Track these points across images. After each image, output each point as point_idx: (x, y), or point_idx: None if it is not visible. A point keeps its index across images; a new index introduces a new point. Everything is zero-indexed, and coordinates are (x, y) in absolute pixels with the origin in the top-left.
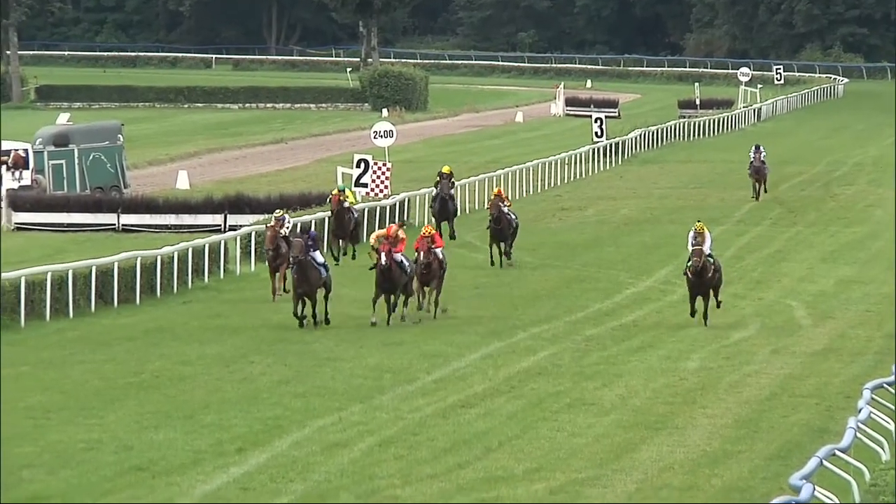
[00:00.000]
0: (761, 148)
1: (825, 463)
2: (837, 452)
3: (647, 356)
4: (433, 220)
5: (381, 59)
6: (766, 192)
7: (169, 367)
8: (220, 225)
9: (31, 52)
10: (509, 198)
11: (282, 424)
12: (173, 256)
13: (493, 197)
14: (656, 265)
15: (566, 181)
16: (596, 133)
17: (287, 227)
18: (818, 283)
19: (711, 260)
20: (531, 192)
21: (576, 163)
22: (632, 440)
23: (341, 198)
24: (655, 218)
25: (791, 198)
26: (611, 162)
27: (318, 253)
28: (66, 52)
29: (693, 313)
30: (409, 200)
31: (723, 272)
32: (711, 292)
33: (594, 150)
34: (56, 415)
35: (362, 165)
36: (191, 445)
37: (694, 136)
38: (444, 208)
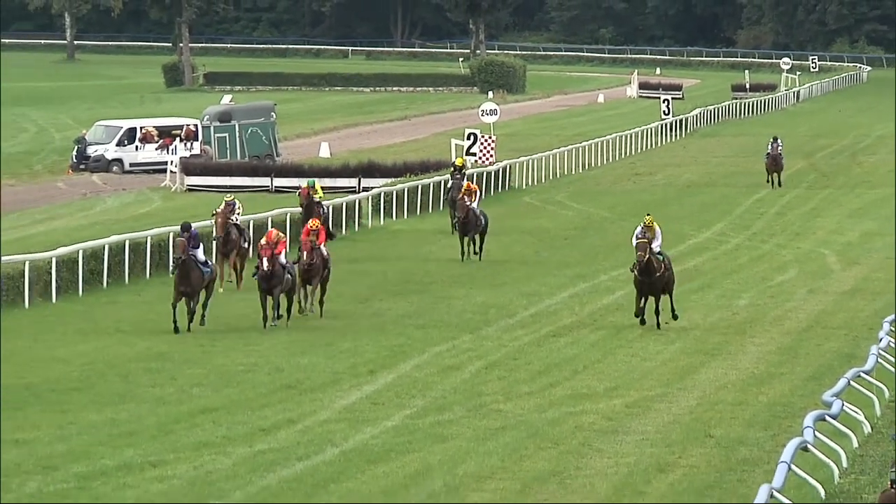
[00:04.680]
0: (779, 140)
1: (852, 383)
2: (862, 374)
3: (706, 295)
4: (456, 227)
5: (488, 51)
6: (780, 184)
7: (312, 304)
8: (355, 187)
9: (200, 45)
10: (480, 194)
11: (405, 351)
12: None
13: (462, 194)
14: (713, 220)
15: (639, 151)
16: (664, 111)
17: (238, 213)
18: (846, 235)
19: (661, 257)
20: (610, 161)
21: (647, 136)
22: (693, 364)
23: (311, 192)
24: (713, 182)
25: (824, 165)
26: (676, 135)
27: (199, 251)
28: (228, 45)
29: (638, 314)
30: (510, 166)
31: (674, 272)
32: (665, 294)
33: (662, 125)
34: (220, 343)
35: (472, 138)
36: (331, 368)
37: (744, 114)
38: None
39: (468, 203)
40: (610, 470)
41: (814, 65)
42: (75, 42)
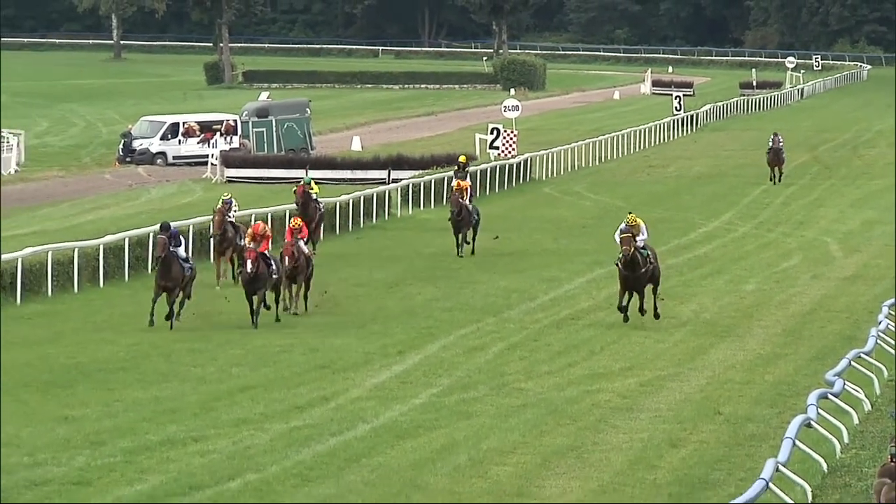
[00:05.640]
0: (779, 135)
1: (853, 363)
2: (863, 355)
3: (715, 280)
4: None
5: (510, 50)
6: (781, 177)
7: (345, 288)
8: (385, 178)
9: (239, 45)
10: (474, 193)
11: (432, 332)
12: (349, 202)
13: (454, 190)
14: (722, 210)
15: (652, 145)
16: (675, 107)
17: (234, 211)
18: (848, 223)
19: (646, 252)
20: (625, 154)
21: (660, 131)
22: (703, 345)
23: (307, 189)
24: (722, 173)
25: (826, 157)
26: (687, 130)
27: (181, 249)
28: (265, 45)
29: (621, 308)
30: (531, 159)
31: (660, 268)
32: (650, 290)
33: (674, 120)
34: (258, 326)
35: (495, 132)
36: (362, 348)
37: (752, 110)
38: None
39: (461, 200)
40: (625, 445)
41: (817, 64)
42: (122, 42)
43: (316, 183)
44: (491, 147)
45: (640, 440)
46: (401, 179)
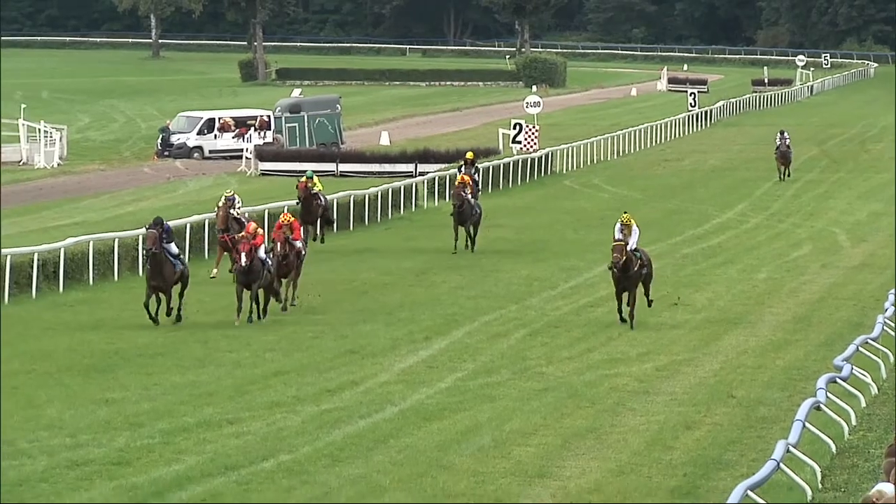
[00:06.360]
0: (786, 133)
1: (860, 349)
2: (870, 341)
3: (728, 269)
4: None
5: (532, 49)
6: (789, 175)
7: (374, 277)
8: (412, 171)
9: (272, 44)
10: (477, 186)
11: (457, 319)
12: (377, 194)
13: (457, 185)
14: (735, 201)
15: (668, 139)
16: (690, 104)
17: (238, 206)
18: (855, 215)
19: (638, 254)
20: (642, 148)
21: (675, 126)
22: (716, 331)
23: (309, 185)
24: (734, 167)
25: (835, 152)
26: (701, 125)
27: (173, 245)
28: (297, 44)
29: (621, 312)
30: (552, 153)
31: (653, 268)
32: (641, 290)
33: (689, 116)
34: (289, 313)
35: (517, 128)
36: (390, 335)
37: (763, 106)
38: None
39: (464, 194)
40: (642, 427)
41: (826, 62)
42: (160, 41)
43: (320, 177)
44: (514, 142)
45: (656, 422)
46: (427, 172)
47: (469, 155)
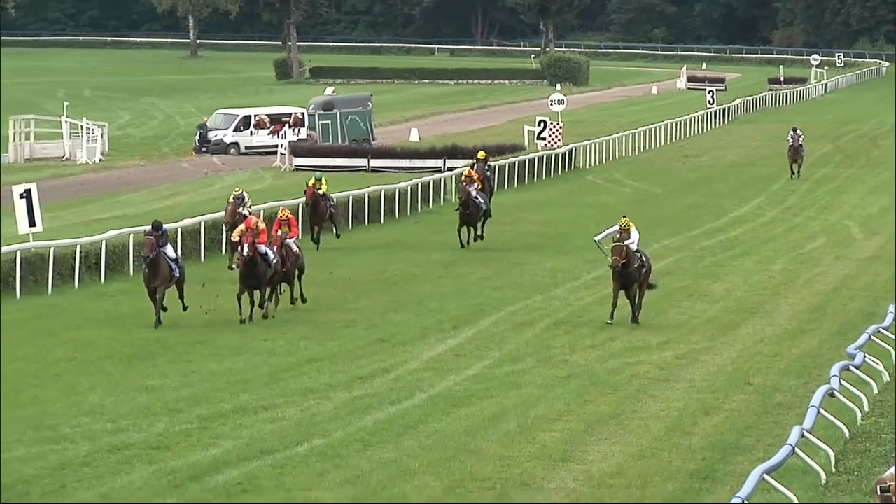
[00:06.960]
0: (798, 130)
1: (873, 338)
2: (882, 330)
3: (745, 261)
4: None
5: (556, 49)
6: (800, 174)
7: (404, 269)
8: (440, 167)
9: (306, 43)
10: (490, 185)
11: (484, 309)
12: (407, 189)
13: (463, 180)
14: (752, 196)
15: (687, 136)
16: (709, 101)
17: (247, 205)
18: (868, 208)
19: (639, 255)
20: (662, 144)
21: (694, 123)
22: (734, 321)
23: (316, 188)
24: (752, 162)
25: (848, 147)
26: (720, 122)
27: (169, 248)
28: (330, 43)
29: (613, 315)
30: (575, 149)
31: (651, 270)
32: (637, 289)
33: (707, 113)
34: (322, 303)
35: (542, 124)
36: (419, 324)
37: (779, 103)
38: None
39: (468, 188)
40: (662, 413)
41: (839, 61)
42: (198, 41)
43: (326, 180)
44: (538, 138)
45: (675, 409)
46: (455, 168)
47: (481, 154)
